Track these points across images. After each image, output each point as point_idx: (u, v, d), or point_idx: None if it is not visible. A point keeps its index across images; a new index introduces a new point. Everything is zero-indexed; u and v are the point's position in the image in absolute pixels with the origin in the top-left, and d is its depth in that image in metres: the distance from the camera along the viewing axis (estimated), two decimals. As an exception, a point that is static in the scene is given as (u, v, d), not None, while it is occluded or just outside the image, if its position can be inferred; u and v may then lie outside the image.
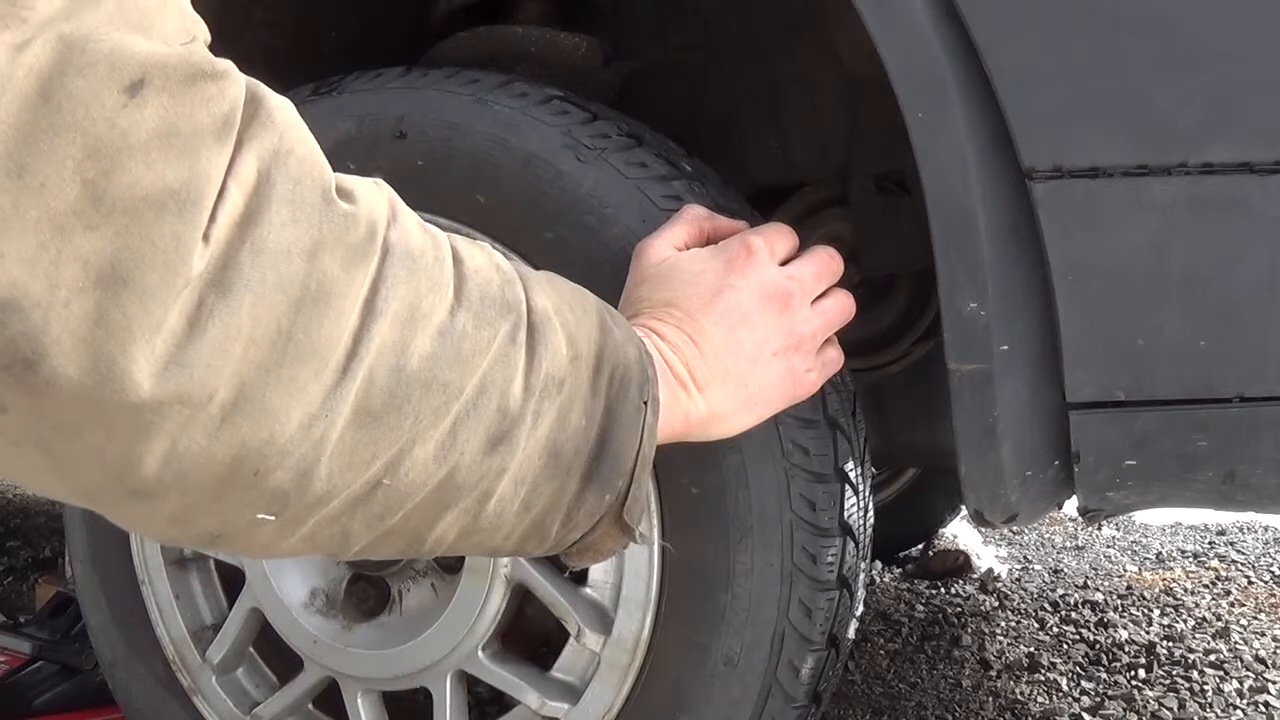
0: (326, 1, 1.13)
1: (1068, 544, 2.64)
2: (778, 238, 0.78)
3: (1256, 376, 0.76)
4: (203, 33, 0.46)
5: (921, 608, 2.10)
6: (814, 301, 0.78)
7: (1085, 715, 1.56)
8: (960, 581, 2.27)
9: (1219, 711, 1.57)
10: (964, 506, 0.94)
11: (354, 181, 0.51)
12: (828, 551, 0.87)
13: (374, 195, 0.51)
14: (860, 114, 1.12)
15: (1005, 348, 0.77)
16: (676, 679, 0.88)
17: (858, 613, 0.95)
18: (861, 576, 0.94)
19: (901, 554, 2.42)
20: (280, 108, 0.47)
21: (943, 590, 2.22)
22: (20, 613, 1.92)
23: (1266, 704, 1.59)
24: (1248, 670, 1.72)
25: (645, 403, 0.64)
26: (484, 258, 0.58)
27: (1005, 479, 0.81)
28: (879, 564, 2.39)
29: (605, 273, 0.84)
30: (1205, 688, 1.65)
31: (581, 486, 0.61)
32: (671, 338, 0.71)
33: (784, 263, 0.78)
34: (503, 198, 0.88)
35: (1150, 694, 1.63)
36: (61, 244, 0.39)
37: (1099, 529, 2.76)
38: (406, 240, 0.51)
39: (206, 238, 0.42)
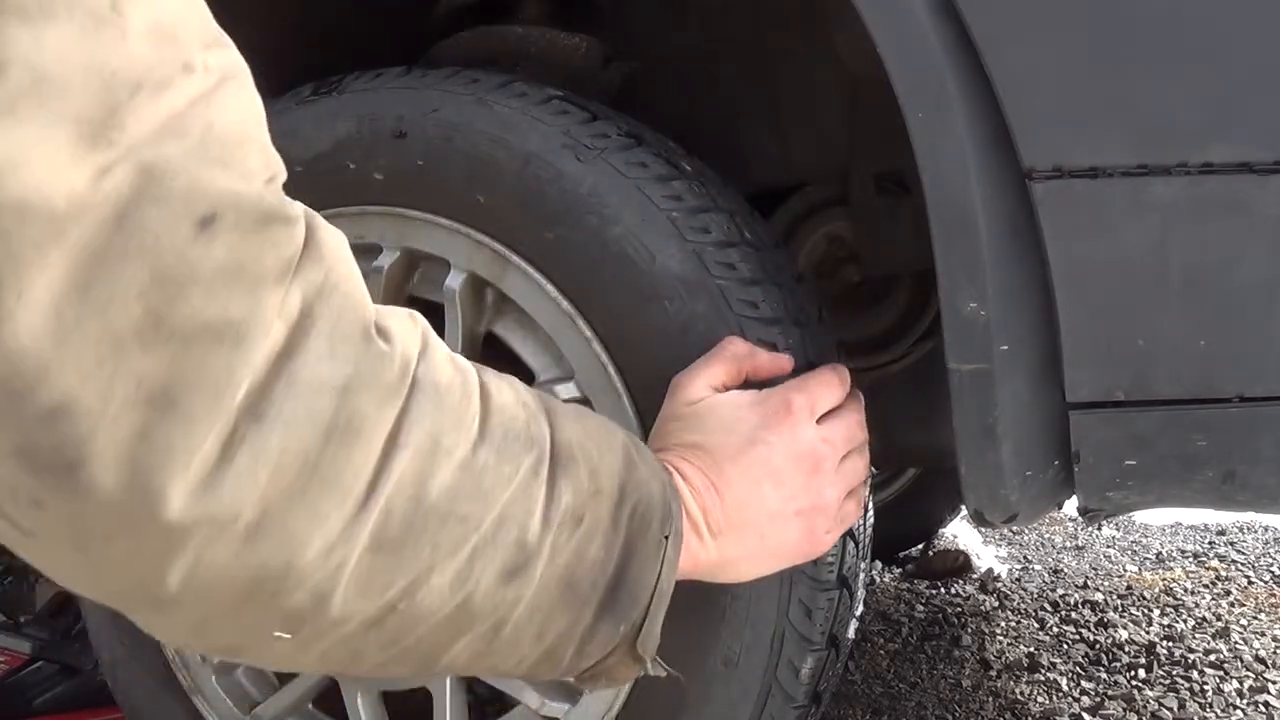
0: (327, 1, 1.13)
1: (1068, 544, 2.64)
2: (821, 392, 0.77)
3: (1256, 376, 0.76)
4: (282, 172, 0.48)
5: (921, 608, 2.10)
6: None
7: (1085, 715, 1.56)
8: (960, 581, 2.27)
9: (1219, 711, 1.57)
10: (964, 506, 0.94)
11: (391, 316, 0.52)
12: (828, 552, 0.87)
13: (408, 331, 0.53)
14: (860, 114, 1.12)
15: (1005, 348, 0.77)
16: (676, 679, 0.88)
17: (858, 613, 0.95)
18: (861, 576, 0.94)
19: (901, 554, 2.42)
20: (329, 240, 0.49)
21: (943, 590, 2.22)
22: (20, 613, 1.92)
23: (1266, 704, 1.59)
24: (1248, 670, 1.72)
25: (666, 537, 0.64)
26: (511, 394, 0.59)
27: (1005, 479, 0.81)
28: (879, 564, 2.39)
29: (605, 272, 0.84)
30: (1205, 688, 1.65)
31: (596, 617, 0.62)
32: (694, 480, 0.71)
33: (822, 415, 0.77)
34: (503, 198, 0.88)
35: (1150, 694, 1.63)
36: (118, 361, 0.41)
37: (1099, 529, 2.76)
38: (435, 375, 0.53)
39: (251, 369, 0.44)
